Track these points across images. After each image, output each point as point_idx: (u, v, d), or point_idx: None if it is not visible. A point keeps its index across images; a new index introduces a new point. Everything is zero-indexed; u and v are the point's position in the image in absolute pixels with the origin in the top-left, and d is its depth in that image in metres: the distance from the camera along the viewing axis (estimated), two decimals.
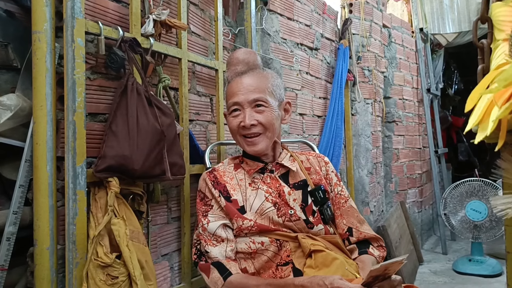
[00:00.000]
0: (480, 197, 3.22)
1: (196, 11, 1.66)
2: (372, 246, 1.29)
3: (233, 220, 1.19)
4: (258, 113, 1.22)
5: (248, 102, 1.22)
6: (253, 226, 1.18)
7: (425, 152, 4.20)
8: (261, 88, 1.24)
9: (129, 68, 1.22)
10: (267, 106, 1.23)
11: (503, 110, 0.60)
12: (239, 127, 1.23)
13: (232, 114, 1.25)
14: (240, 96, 1.22)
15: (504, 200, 0.71)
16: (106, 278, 1.02)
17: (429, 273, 3.20)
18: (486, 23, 0.80)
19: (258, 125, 1.22)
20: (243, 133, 1.23)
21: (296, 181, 1.29)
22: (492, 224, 3.15)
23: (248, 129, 1.21)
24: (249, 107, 1.22)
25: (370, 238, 1.31)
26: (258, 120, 1.22)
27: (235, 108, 1.24)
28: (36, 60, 1.03)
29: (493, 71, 0.70)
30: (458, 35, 4.20)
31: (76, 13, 1.06)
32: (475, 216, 3.21)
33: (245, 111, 1.22)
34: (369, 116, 3.05)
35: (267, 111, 1.23)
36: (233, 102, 1.24)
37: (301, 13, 2.42)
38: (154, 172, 1.19)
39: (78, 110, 1.06)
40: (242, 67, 1.29)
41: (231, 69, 1.31)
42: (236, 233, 1.20)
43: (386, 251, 1.32)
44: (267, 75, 1.28)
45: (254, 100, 1.22)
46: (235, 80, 1.26)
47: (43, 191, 1.02)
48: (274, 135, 1.26)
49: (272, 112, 1.24)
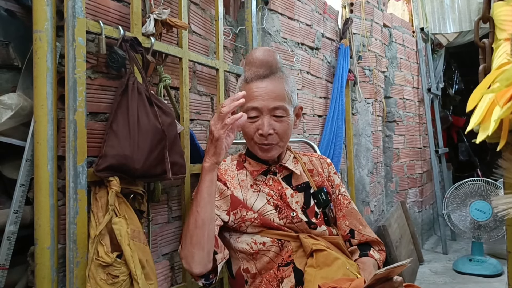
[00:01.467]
0: (484, 197, 3.22)
1: (197, 10, 1.66)
2: (373, 249, 1.29)
3: (237, 209, 1.19)
4: (276, 122, 1.21)
5: (268, 110, 1.20)
6: (256, 218, 1.18)
7: (426, 152, 4.20)
8: (282, 95, 1.22)
9: (130, 68, 1.22)
10: (285, 115, 1.22)
11: (505, 109, 0.60)
12: (255, 134, 1.21)
13: (250, 119, 1.21)
14: (260, 102, 1.20)
15: (506, 200, 0.71)
16: (107, 277, 1.02)
17: (429, 273, 3.20)
18: (487, 22, 0.80)
19: (275, 134, 1.20)
20: (259, 142, 1.21)
21: (298, 183, 1.29)
22: (496, 224, 3.15)
23: (265, 138, 1.20)
24: (268, 114, 1.20)
25: (372, 241, 1.31)
26: (276, 129, 1.20)
27: (254, 115, 1.21)
28: (37, 59, 1.03)
29: (494, 70, 0.70)
30: (459, 35, 4.20)
31: (77, 12, 1.06)
32: (480, 216, 3.21)
33: (264, 118, 1.20)
34: (370, 116, 3.05)
35: (285, 121, 1.22)
36: (252, 106, 1.20)
37: (301, 12, 2.42)
38: (155, 171, 1.19)
39: (79, 109, 1.05)
40: (264, 70, 1.24)
41: (252, 70, 1.26)
42: (237, 225, 1.19)
43: (385, 255, 1.33)
44: (286, 79, 1.26)
45: (274, 109, 1.20)
46: (255, 83, 1.23)
47: (44, 190, 1.02)
48: (287, 142, 1.27)
49: (289, 121, 1.23)
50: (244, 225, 1.19)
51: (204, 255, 1.08)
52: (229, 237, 1.23)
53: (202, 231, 1.06)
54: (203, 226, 1.06)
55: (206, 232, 1.07)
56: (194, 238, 1.07)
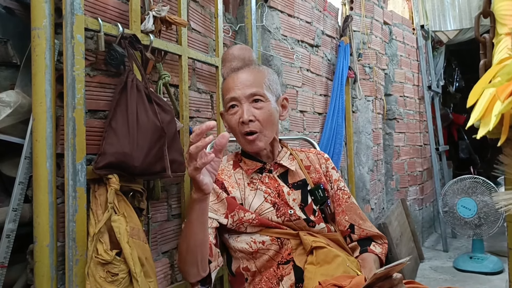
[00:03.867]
0: (470, 194, 3.25)
1: (196, 7, 1.66)
2: (373, 243, 1.28)
3: (234, 211, 1.18)
4: (256, 108, 1.20)
5: (246, 97, 1.19)
6: (254, 218, 1.17)
7: (426, 149, 4.19)
8: (258, 82, 1.21)
9: (129, 65, 1.21)
10: (264, 100, 1.20)
11: (506, 104, 0.60)
12: (238, 124, 1.20)
13: (230, 111, 1.21)
14: (237, 91, 1.19)
15: (506, 196, 0.71)
16: (106, 275, 1.02)
17: (430, 271, 3.19)
18: (488, 17, 0.79)
19: (256, 121, 1.19)
20: (243, 131, 1.20)
21: (295, 180, 1.28)
22: (480, 221, 3.18)
23: (247, 125, 1.18)
24: (246, 102, 1.19)
25: (373, 236, 1.30)
26: (256, 116, 1.19)
27: (233, 104, 1.21)
28: (36, 57, 1.03)
29: (495, 65, 0.70)
30: (459, 32, 4.19)
31: (75, 9, 1.05)
32: (465, 213, 3.26)
33: (242, 106, 1.19)
34: (370, 114, 3.04)
35: (265, 106, 1.20)
36: (230, 97, 1.20)
37: (301, 10, 2.41)
38: (154, 169, 1.19)
39: (77, 106, 1.05)
40: (237, 63, 1.26)
41: (226, 66, 1.28)
42: (236, 226, 1.19)
43: (387, 248, 1.32)
44: (263, 70, 1.26)
45: (251, 95, 1.19)
46: (231, 76, 1.24)
47: (42, 188, 1.02)
48: (272, 131, 1.24)
49: (270, 107, 1.21)
50: (243, 226, 1.18)
51: (198, 270, 1.08)
52: (228, 237, 1.22)
53: (194, 255, 1.05)
54: (195, 250, 1.05)
55: (199, 255, 1.06)
56: (188, 259, 1.06)
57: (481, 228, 3.19)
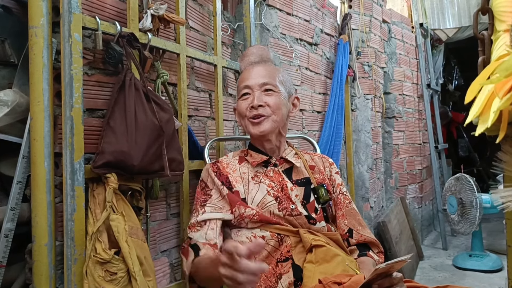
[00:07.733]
0: (453, 192, 3.35)
1: (195, 6, 1.65)
2: (372, 251, 1.29)
3: (235, 207, 1.19)
4: (267, 95, 1.26)
5: (258, 85, 1.26)
6: (254, 214, 1.18)
7: (425, 147, 4.19)
8: (272, 75, 1.29)
9: (127, 64, 1.21)
10: (276, 91, 1.27)
11: (504, 101, 0.60)
12: (247, 109, 1.26)
13: (242, 98, 1.29)
14: (250, 80, 1.28)
15: (505, 193, 0.70)
16: (105, 274, 1.02)
17: (429, 269, 3.20)
18: (486, 14, 0.79)
19: (266, 107, 1.25)
20: (250, 115, 1.26)
21: (299, 177, 1.29)
22: (459, 218, 3.24)
23: (256, 109, 1.24)
24: (258, 90, 1.26)
25: (370, 243, 1.30)
26: (267, 102, 1.25)
27: (245, 92, 1.28)
28: (33, 56, 1.02)
29: (494, 62, 0.69)
30: (458, 30, 4.19)
31: (73, 8, 1.05)
32: (450, 210, 3.38)
33: (254, 93, 1.26)
34: (369, 112, 3.04)
35: (276, 95, 1.27)
36: (244, 85, 1.29)
37: (300, 8, 2.41)
38: (152, 168, 1.18)
39: (75, 105, 1.05)
40: (255, 58, 1.37)
41: (244, 60, 1.39)
42: (237, 222, 1.20)
43: (383, 258, 1.32)
44: (278, 68, 1.36)
45: (264, 84, 1.27)
46: (247, 69, 1.33)
47: (41, 187, 1.02)
48: (280, 121, 1.28)
49: (280, 97, 1.28)
50: (244, 222, 1.20)
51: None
52: (230, 231, 1.24)
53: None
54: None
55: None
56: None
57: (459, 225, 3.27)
